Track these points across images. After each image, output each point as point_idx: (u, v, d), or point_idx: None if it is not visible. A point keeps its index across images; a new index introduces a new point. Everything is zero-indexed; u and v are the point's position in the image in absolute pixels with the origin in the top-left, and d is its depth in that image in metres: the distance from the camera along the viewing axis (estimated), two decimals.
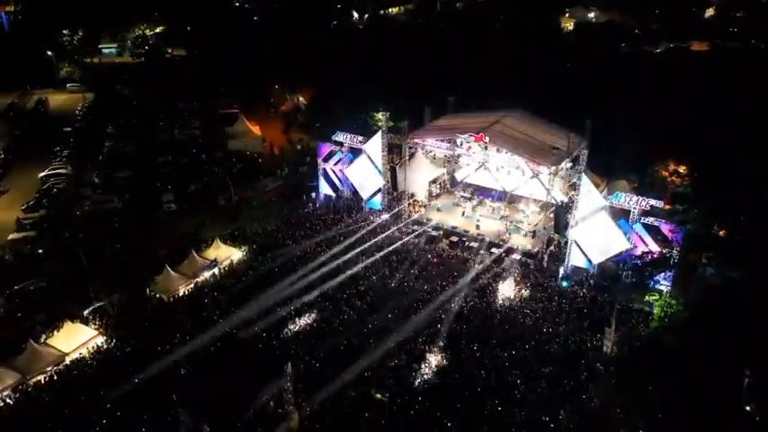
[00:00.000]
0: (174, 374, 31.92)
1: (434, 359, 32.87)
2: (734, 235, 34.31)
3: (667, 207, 39.09)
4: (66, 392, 31.36)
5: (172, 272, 39.69)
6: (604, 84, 57.77)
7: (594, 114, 47.17)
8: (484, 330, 35.16)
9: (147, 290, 39.19)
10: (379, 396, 30.41)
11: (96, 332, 35.37)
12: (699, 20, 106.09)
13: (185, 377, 31.85)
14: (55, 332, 35.09)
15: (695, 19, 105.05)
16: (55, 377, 32.55)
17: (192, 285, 39.98)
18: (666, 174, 46.59)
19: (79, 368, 33.10)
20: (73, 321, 35.73)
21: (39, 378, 32.30)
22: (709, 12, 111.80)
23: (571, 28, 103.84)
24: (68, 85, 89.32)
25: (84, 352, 34.12)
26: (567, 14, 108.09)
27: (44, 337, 34.97)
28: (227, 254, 43.00)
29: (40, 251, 44.92)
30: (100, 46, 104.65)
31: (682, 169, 45.58)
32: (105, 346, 34.58)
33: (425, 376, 31.73)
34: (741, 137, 41.65)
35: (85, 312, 37.02)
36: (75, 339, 34.46)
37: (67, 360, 33.50)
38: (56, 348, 33.78)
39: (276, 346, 34.08)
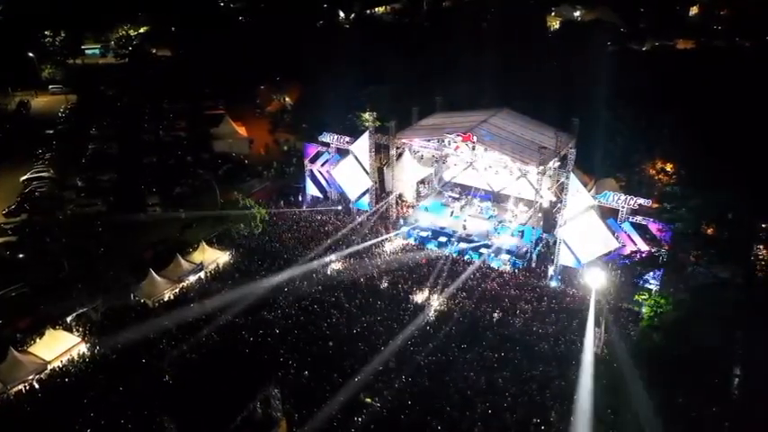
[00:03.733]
0: (159, 382, 31.35)
1: (424, 362, 32.51)
2: (722, 233, 34.43)
3: (655, 206, 39.10)
4: (48, 402, 30.65)
5: (156, 276, 39.05)
6: (591, 82, 57.65)
7: (582, 113, 47.31)
8: (473, 332, 34.91)
9: (132, 295, 38.52)
10: (368, 400, 30.05)
11: (79, 339, 34.66)
12: (683, 18, 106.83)
13: (171, 384, 31.28)
14: (37, 339, 34.34)
15: (680, 17, 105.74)
16: (36, 386, 31.82)
17: (177, 290, 39.37)
18: (654, 172, 46.65)
19: (62, 377, 32.36)
20: (55, 328, 34.98)
21: (20, 387, 31.55)
22: (694, 10, 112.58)
23: (557, 26, 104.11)
24: (51, 86, 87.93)
25: (67, 360, 33.39)
26: (553, 13, 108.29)
27: (25, 344, 34.20)
28: (213, 257, 42.42)
29: (22, 256, 43.99)
30: (83, 47, 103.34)
31: (669, 168, 45.66)
32: (88, 354, 33.86)
33: (416, 379, 31.38)
34: (728, 134, 41.75)
35: (68, 319, 36.36)
36: (58, 347, 33.69)
37: (49, 368, 32.75)
38: (37, 356, 33.00)
39: (263, 351, 33.51)
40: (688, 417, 27.52)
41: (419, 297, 38.20)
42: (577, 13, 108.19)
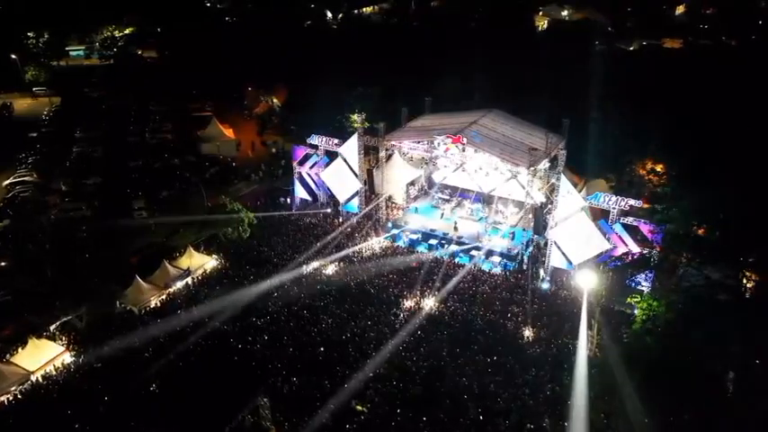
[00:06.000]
0: (146, 391, 30.72)
1: (416, 367, 32.11)
2: (712, 233, 34.24)
3: (646, 206, 38.95)
4: (31, 414, 29.92)
5: (143, 283, 38.36)
6: (580, 82, 57.57)
7: (572, 113, 47.17)
8: (465, 336, 34.55)
9: (117, 302, 37.79)
10: (359, 407, 29.61)
11: (63, 348, 33.96)
12: (670, 18, 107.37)
13: (158, 394, 30.68)
14: (19, 349, 33.55)
15: (666, 17, 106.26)
16: (19, 397, 31.09)
17: (164, 296, 38.71)
18: (644, 172, 46.51)
19: (45, 387, 31.61)
20: (38, 337, 34.20)
21: (1, 399, 30.81)
22: (680, 9, 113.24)
23: (545, 26, 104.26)
24: (34, 88, 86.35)
25: (51, 370, 32.63)
26: (540, 13, 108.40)
27: (7, 354, 33.40)
28: (200, 262, 41.79)
29: (4, 263, 43.03)
30: (67, 48, 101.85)
31: (659, 168, 45.52)
32: (73, 364, 33.12)
33: (407, 385, 30.95)
34: (718, 133, 41.72)
35: (52, 328, 35.60)
36: (41, 357, 32.98)
37: (32, 379, 32.00)
38: (20, 367, 32.27)
39: (252, 358, 32.95)
40: (681, 419, 27.32)
41: (410, 301, 37.79)
42: (565, 13, 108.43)
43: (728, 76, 57.41)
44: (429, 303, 37.40)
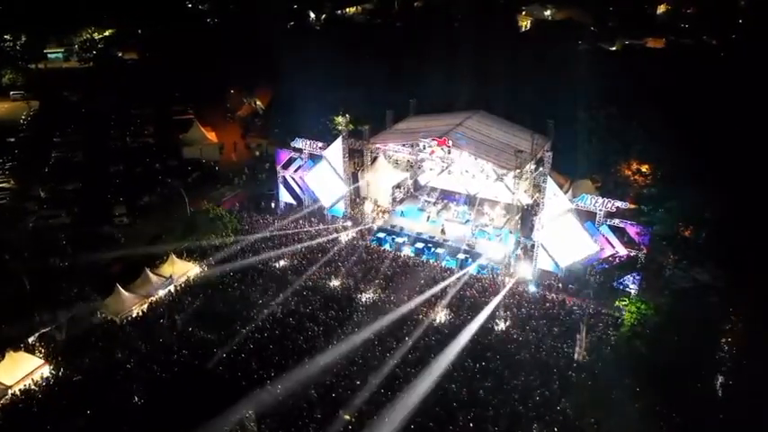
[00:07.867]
0: (129, 404, 30.02)
1: (404, 374, 31.65)
2: (698, 234, 34.21)
3: (632, 206, 38.89)
4: (9, 429, 29.13)
5: (123, 291, 37.44)
6: (565, 82, 57.53)
7: (557, 113, 47.03)
8: (454, 341, 34.14)
9: (98, 312, 36.88)
10: (347, 417, 29.12)
11: (42, 361, 32.99)
12: (651, 17, 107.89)
13: (140, 407, 29.98)
14: None
15: (649, 16, 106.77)
16: None
17: (146, 305, 37.87)
18: (629, 173, 46.51)
19: (24, 402, 30.71)
20: (16, 350, 33.20)
21: None
22: (661, 9, 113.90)
23: (528, 26, 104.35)
24: (12, 92, 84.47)
25: (30, 384, 31.70)
26: (523, 12, 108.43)
27: None
28: (183, 269, 40.95)
29: None
30: (45, 51, 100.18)
31: (644, 168, 45.56)
32: (52, 377, 32.24)
33: (395, 392, 30.48)
34: (703, 133, 41.75)
35: (30, 339, 34.63)
36: (19, 370, 31.97)
37: (10, 393, 31.06)
38: None
39: (237, 368, 32.29)
40: (672, 423, 27.18)
41: (396, 306, 37.24)
42: (548, 13, 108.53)
43: (711, 76, 57.68)
44: (416, 308, 36.88)
